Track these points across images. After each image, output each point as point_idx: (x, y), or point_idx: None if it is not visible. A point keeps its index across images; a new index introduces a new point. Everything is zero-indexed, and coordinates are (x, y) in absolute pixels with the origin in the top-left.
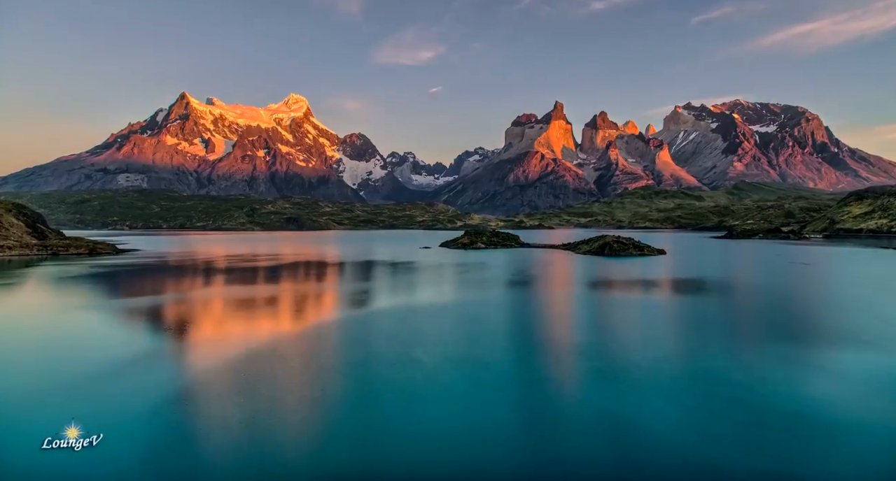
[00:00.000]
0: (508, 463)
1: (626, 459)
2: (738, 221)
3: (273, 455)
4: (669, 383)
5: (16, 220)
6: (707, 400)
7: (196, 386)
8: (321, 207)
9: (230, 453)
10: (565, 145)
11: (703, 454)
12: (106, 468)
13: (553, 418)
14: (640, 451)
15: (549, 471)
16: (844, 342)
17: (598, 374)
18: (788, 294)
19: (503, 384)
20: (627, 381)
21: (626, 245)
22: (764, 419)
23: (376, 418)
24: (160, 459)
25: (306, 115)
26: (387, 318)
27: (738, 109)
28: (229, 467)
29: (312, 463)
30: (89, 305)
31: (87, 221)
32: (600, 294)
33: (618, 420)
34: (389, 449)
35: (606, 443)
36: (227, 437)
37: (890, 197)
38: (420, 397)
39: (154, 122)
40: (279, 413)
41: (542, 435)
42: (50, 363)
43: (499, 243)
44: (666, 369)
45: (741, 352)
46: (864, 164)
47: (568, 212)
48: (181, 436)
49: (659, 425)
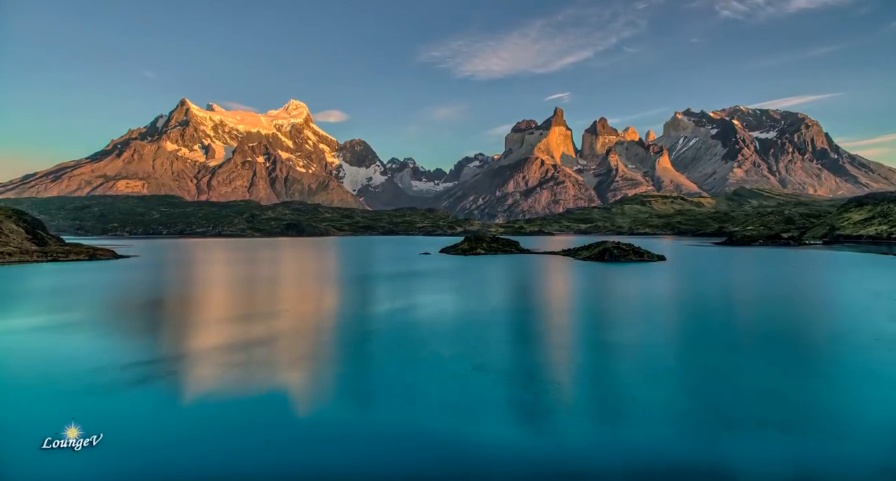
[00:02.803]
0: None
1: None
2: (738, 227)
3: (273, 455)
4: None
5: (16, 227)
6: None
7: (196, 387)
8: (321, 213)
9: (230, 453)
10: (565, 151)
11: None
12: (106, 468)
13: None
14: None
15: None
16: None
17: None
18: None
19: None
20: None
21: (626, 251)
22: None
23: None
24: (160, 459)
25: (306, 121)
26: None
27: (737, 115)
28: (229, 467)
29: (312, 464)
30: (89, 305)
31: (86, 227)
32: (603, 300)
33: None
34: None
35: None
36: (227, 437)
37: (890, 203)
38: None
39: (154, 129)
40: (279, 413)
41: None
42: (50, 364)
43: (499, 249)
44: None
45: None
46: (864, 171)
47: (568, 218)
48: (181, 436)
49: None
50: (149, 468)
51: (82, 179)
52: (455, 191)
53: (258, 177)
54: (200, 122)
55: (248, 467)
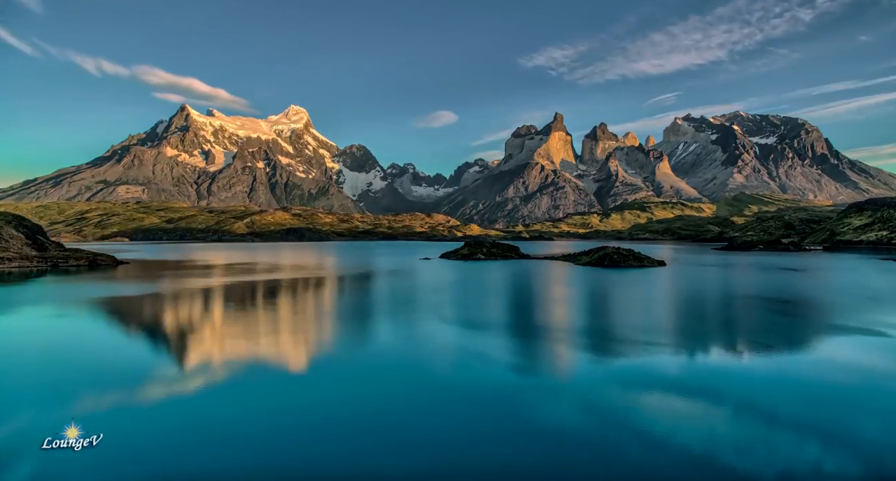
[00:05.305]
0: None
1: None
2: (738, 233)
3: (272, 454)
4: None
5: (16, 232)
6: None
7: (195, 387)
8: (321, 218)
9: (230, 453)
10: (565, 157)
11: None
12: (106, 468)
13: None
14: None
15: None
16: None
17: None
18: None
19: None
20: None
21: (626, 256)
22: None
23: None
24: (160, 459)
25: (306, 126)
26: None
27: (737, 121)
28: (229, 467)
29: (311, 464)
30: (89, 309)
31: (86, 233)
32: (605, 303)
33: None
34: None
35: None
36: (227, 437)
37: (890, 209)
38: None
39: (154, 134)
40: (283, 413)
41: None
42: (50, 364)
43: (498, 254)
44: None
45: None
46: (864, 176)
47: (568, 224)
48: (181, 437)
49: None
50: (149, 468)
51: (82, 185)
52: (455, 196)
53: (258, 182)
54: (201, 128)
55: (249, 467)
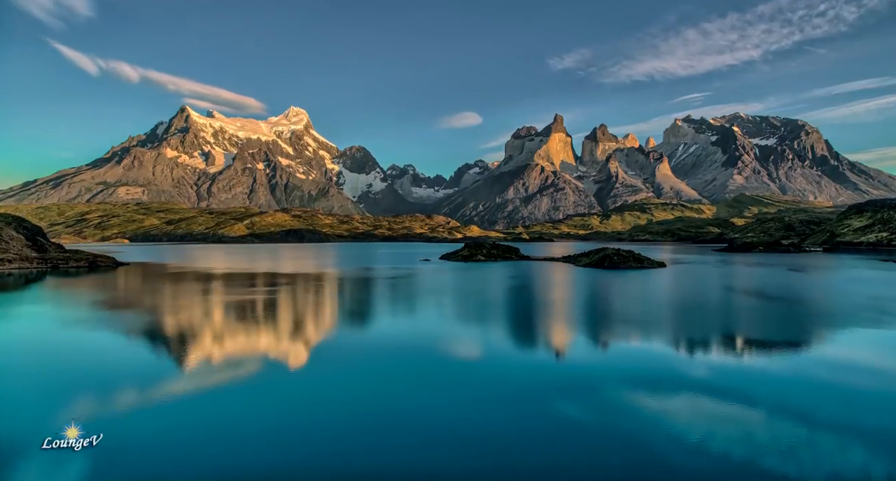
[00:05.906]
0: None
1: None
2: (738, 234)
3: (272, 454)
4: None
5: (16, 234)
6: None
7: (195, 387)
8: (321, 219)
9: (230, 453)
10: (565, 158)
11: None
12: (106, 468)
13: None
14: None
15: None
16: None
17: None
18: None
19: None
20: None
21: (626, 257)
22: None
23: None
24: (160, 459)
25: (306, 127)
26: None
27: (737, 122)
28: (229, 467)
29: (311, 463)
30: (89, 310)
31: (86, 234)
32: (606, 304)
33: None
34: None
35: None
36: (227, 437)
37: (890, 210)
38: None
39: (154, 135)
40: (283, 413)
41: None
42: (51, 364)
43: (499, 256)
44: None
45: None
46: (864, 178)
47: (568, 225)
48: (181, 437)
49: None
50: (149, 468)
51: (82, 186)
52: (455, 197)
53: (258, 183)
54: (200, 129)
55: (249, 467)
